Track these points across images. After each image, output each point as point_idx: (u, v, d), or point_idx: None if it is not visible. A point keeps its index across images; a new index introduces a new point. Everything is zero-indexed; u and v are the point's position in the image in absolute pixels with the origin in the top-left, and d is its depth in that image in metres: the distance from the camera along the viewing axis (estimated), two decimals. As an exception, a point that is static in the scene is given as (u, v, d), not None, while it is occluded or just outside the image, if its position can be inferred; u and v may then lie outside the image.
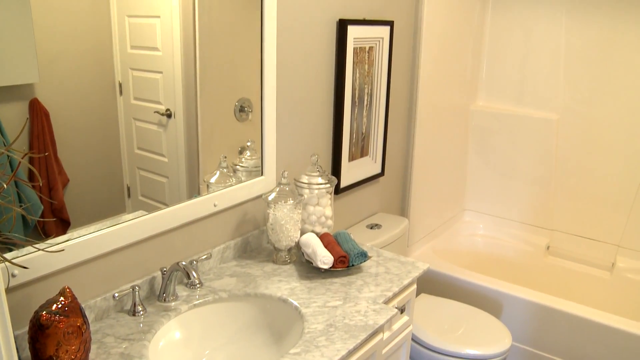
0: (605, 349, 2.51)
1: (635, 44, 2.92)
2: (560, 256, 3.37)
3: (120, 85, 1.47)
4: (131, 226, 1.55)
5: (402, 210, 3.04)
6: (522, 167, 3.38)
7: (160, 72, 1.56)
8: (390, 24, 2.50)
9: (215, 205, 1.81)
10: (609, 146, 3.10)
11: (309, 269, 1.87)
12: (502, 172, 3.46)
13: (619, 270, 3.13)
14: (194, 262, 1.75)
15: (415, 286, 1.91)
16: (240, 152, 1.91)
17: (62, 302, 1.24)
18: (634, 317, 2.96)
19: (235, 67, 1.81)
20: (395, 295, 1.78)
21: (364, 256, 1.85)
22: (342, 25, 2.20)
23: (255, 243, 2.02)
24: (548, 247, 3.39)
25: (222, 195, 1.84)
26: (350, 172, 2.46)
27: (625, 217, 3.12)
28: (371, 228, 2.58)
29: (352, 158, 2.46)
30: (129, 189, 1.55)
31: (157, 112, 1.58)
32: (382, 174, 2.71)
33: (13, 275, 1.27)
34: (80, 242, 1.42)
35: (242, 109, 1.87)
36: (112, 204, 1.51)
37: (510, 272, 3.45)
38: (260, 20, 1.86)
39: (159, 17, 1.52)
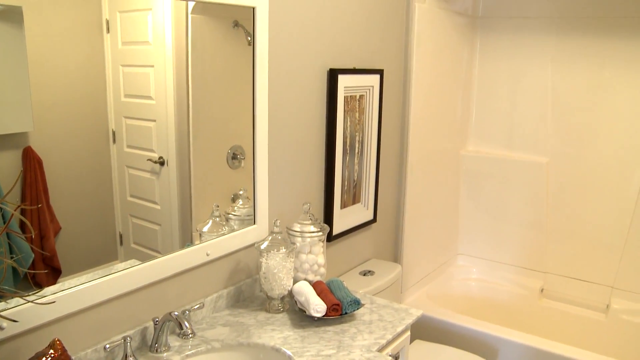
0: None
1: (621, 87, 2.98)
2: (554, 299, 3.35)
3: (113, 133, 1.48)
4: (123, 276, 1.53)
5: (395, 256, 3.03)
6: (514, 211, 3.40)
7: (154, 121, 1.58)
8: (380, 72, 2.55)
9: (208, 255, 1.80)
10: (599, 188, 3.13)
11: (302, 318, 1.85)
12: (494, 215, 3.48)
13: (614, 312, 3.11)
14: (187, 312, 1.72)
15: (409, 333, 1.89)
16: (233, 200, 1.91)
17: (52, 355, 1.22)
18: (630, 359, 2.93)
19: (228, 115, 1.83)
20: (389, 342, 1.76)
21: (357, 304, 1.84)
22: (333, 75, 2.24)
23: (248, 292, 2.00)
24: (542, 290, 3.38)
25: (215, 244, 1.83)
26: (343, 219, 2.46)
27: (618, 258, 3.12)
28: (364, 275, 2.56)
29: (344, 205, 2.46)
30: (121, 236, 1.55)
31: (150, 159, 1.59)
32: (374, 220, 2.71)
33: (1, 328, 1.25)
34: (72, 293, 1.39)
35: (234, 157, 1.88)
36: (105, 251, 1.50)
37: (504, 316, 3.42)
38: (252, 70, 1.89)
39: (152, 66, 1.55)
